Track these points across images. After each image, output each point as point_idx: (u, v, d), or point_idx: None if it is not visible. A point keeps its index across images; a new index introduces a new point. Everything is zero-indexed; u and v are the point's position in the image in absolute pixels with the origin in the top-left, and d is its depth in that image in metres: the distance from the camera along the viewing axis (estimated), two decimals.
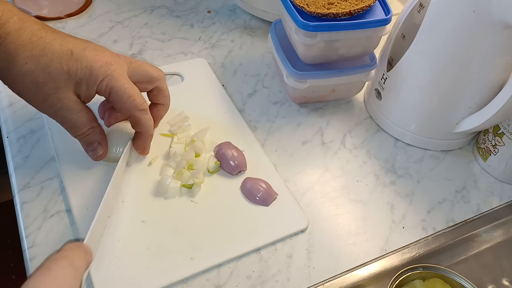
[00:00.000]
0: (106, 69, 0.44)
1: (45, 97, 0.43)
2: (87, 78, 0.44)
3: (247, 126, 0.58)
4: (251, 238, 0.47)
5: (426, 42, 0.52)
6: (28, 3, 0.73)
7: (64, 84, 0.43)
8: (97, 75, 0.44)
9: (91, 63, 0.44)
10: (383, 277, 0.46)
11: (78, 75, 0.43)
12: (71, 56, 0.43)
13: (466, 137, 0.59)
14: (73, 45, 0.44)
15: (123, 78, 0.46)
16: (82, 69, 0.43)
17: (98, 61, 0.44)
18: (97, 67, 0.44)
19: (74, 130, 0.46)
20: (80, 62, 0.43)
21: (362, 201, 0.52)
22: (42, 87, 0.43)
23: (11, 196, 0.49)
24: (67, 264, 0.35)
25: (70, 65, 0.43)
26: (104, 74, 0.44)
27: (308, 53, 0.55)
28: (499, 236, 0.52)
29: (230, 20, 0.76)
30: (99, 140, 0.48)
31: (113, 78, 0.45)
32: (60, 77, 0.43)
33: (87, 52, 0.44)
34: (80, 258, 0.38)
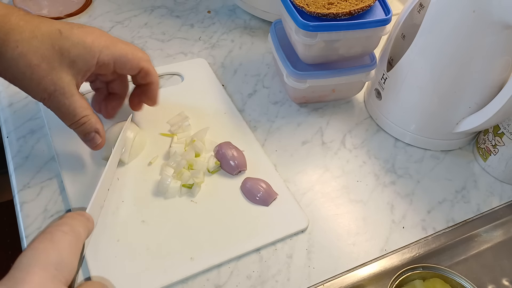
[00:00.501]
0: (98, 42, 0.45)
1: (39, 80, 0.43)
2: (82, 54, 0.44)
3: (247, 126, 0.58)
4: (251, 238, 0.47)
5: (426, 42, 0.52)
6: (28, 3, 0.73)
7: (58, 65, 0.43)
8: (91, 49, 0.44)
9: (82, 39, 0.44)
10: (383, 277, 0.46)
11: (72, 53, 0.44)
12: (60, 35, 0.43)
13: (466, 137, 0.59)
14: (60, 25, 0.44)
15: (117, 42, 0.47)
16: (74, 46, 0.44)
17: (89, 35, 0.45)
18: (90, 41, 0.44)
19: (68, 117, 0.46)
20: (71, 40, 0.44)
21: (362, 201, 0.52)
22: (36, 69, 0.43)
23: (11, 196, 0.49)
24: (69, 230, 0.35)
25: (61, 44, 0.43)
26: (99, 46, 0.45)
27: (308, 53, 0.55)
28: (499, 236, 0.52)
29: (230, 20, 0.76)
30: (95, 128, 0.47)
31: (110, 47, 0.46)
32: (53, 57, 0.43)
33: (75, 30, 0.44)
34: (82, 225, 0.38)
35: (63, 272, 0.32)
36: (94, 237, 0.45)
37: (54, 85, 0.44)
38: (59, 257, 0.33)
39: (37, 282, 0.30)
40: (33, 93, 0.45)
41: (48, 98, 0.44)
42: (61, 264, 0.33)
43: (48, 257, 0.32)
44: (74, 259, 0.34)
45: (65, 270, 0.33)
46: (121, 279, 0.42)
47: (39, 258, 0.32)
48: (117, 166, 0.51)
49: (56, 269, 0.32)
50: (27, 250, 0.33)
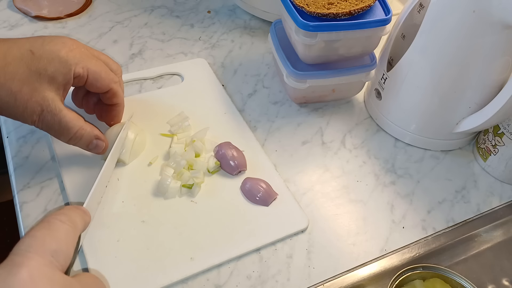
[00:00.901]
0: (73, 55, 0.45)
1: (25, 104, 0.43)
2: (59, 69, 0.44)
3: (247, 126, 0.58)
4: (251, 238, 0.47)
5: (426, 42, 0.52)
6: (28, 3, 0.73)
7: (38, 85, 0.43)
8: (67, 62, 0.44)
9: (56, 54, 0.44)
10: (383, 277, 0.46)
11: (48, 70, 0.43)
12: (33, 56, 0.43)
13: (466, 137, 0.59)
14: (29, 44, 0.44)
15: (91, 58, 0.47)
16: (50, 63, 0.43)
17: (62, 49, 0.44)
18: (64, 54, 0.44)
19: (64, 133, 0.46)
20: (45, 58, 0.43)
21: (362, 201, 0.52)
22: (18, 95, 0.43)
23: (11, 196, 0.49)
24: (66, 219, 0.36)
25: (37, 65, 0.43)
26: (74, 59, 0.45)
27: (308, 53, 0.55)
28: (499, 236, 0.52)
29: (230, 20, 0.76)
30: (94, 136, 0.48)
31: (84, 59, 0.45)
32: (31, 79, 0.43)
33: (46, 46, 0.44)
34: (79, 216, 0.39)
35: (59, 259, 0.33)
36: (94, 237, 0.45)
37: (40, 105, 0.44)
38: (56, 245, 0.34)
39: (33, 266, 0.31)
40: (22, 119, 0.45)
41: (38, 120, 0.44)
42: (57, 251, 0.33)
43: (45, 244, 0.33)
44: (70, 247, 0.35)
45: (61, 257, 0.34)
46: (121, 279, 0.42)
47: (36, 244, 0.33)
48: (118, 167, 0.51)
49: (53, 256, 0.33)
50: (25, 237, 0.33)
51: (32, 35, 0.68)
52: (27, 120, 0.45)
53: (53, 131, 0.46)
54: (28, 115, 0.44)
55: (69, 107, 0.47)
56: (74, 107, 0.52)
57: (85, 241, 0.44)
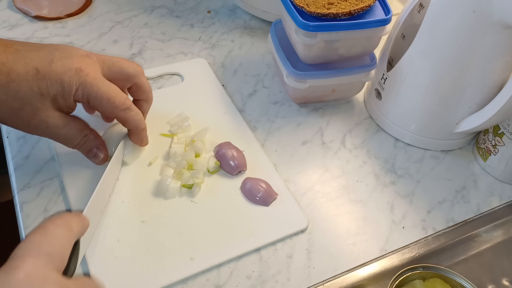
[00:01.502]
0: (77, 78, 0.43)
1: (27, 121, 0.43)
2: (60, 92, 0.42)
3: (247, 126, 0.58)
4: (251, 238, 0.47)
5: (426, 42, 0.52)
6: (28, 3, 0.73)
7: (40, 105, 0.42)
8: (70, 86, 0.42)
9: (60, 77, 0.42)
10: (383, 277, 0.46)
11: (51, 92, 0.42)
12: (37, 75, 0.42)
13: (466, 137, 0.59)
14: (37, 61, 0.42)
15: (98, 81, 0.44)
16: (52, 86, 0.42)
17: (67, 71, 0.42)
18: (68, 78, 0.42)
19: (68, 143, 0.47)
20: (49, 79, 0.42)
21: (362, 201, 0.52)
22: (19, 113, 0.42)
23: (11, 196, 0.49)
24: (61, 223, 0.36)
25: (40, 85, 0.42)
26: (77, 83, 0.43)
27: (308, 53, 0.55)
28: (499, 236, 0.52)
29: (230, 20, 0.76)
30: (96, 145, 0.48)
31: (87, 85, 0.43)
32: (34, 100, 0.42)
33: (53, 66, 0.42)
34: (75, 221, 0.38)
35: (54, 261, 0.34)
36: (94, 237, 0.45)
37: (45, 123, 0.43)
38: (51, 247, 0.34)
39: (29, 267, 0.32)
40: (26, 131, 0.45)
41: (43, 133, 0.44)
42: (52, 253, 0.34)
43: (40, 247, 0.34)
44: (66, 250, 0.36)
45: (56, 259, 0.34)
46: (121, 279, 0.42)
47: (32, 248, 0.34)
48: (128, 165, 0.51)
49: (48, 258, 0.33)
50: (22, 243, 0.34)
51: (32, 35, 0.68)
52: (31, 133, 0.45)
53: (59, 141, 0.46)
54: (32, 130, 0.44)
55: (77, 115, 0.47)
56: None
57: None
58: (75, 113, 0.47)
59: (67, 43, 0.68)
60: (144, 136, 0.51)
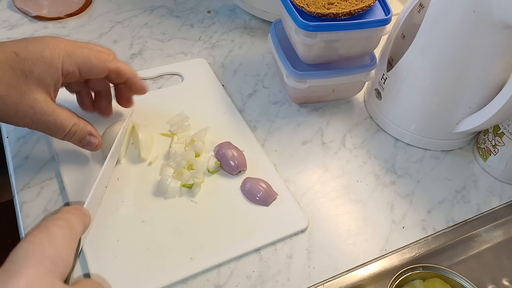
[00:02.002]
0: (58, 51, 0.44)
1: (15, 108, 0.43)
2: (45, 70, 0.43)
3: (247, 126, 0.58)
4: (251, 238, 0.47)
5: (426, 42, 0.52)
6: (28, 3, 0.73)
7: (26, 88, 0.42)
8: (53, 60, 0.43)
9: (41, 54, 0.43)
10: (383, 277, 0.46)
11: (35, 71, 0.43)
12: (17, 57, 0.42)
13: (466, 137, 0.59)
14: (13, 46, 0.43)
15: (77, 47, 0.45)
16: (35, 65, 0.43)
17: (45, 48, 0.43)
18: (48, 53, 0.43)
19: (59, 132, 0.46)
20: (30, 59, 0.43)
21: (362, 201, 0.52)
22: (7, 99, 0.42)
23: (11, 196, 0.49)
24: (64, 224, 0.35)
25: (22, 67, 0.42)
26: (59, 55, 0.44)
27: (308, 53, 0.55)
28: (499, 236, 0.52)
29: (230, 20, 0.76)
30: (87, 132, 0.48)
31: (69, 53, 0.44)
32: (19, 83, 0.42)
33: (30, 47, 0.43)
34: (78, 219, 0.37)
35: (58, 266, 0.32)
36: (94, 237, 0.45)
37: (32, 108, 0.43)
38: (55, 251, 0.32)
39: (31, 274, 0.30)
40: (15, 122, 0.44)
41: (31, 122, 0.44)
42: (56, 258, 0.32)
43: (43, 251, 0.32)
44: (70, 253, 0.34)
45: (60, 265, 0.32)
46: (121, 279, 0.42)
47: (34, 251, 0.31)
48: (122, 166, 0.51)
49: (52, 263, 0.31)
50: (22, 243, 0.32)
51: (32, 35, 0.68)
52: (19, 123, 0.44)
53: (48, 130, 0.46)
54: (20, 118, 0.44)
55: (62, 104, 0.46)
56: (67, 103, 0.52)
57: (86, 242, 0.44)
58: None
59: None
60: (142, 82, 0.51)
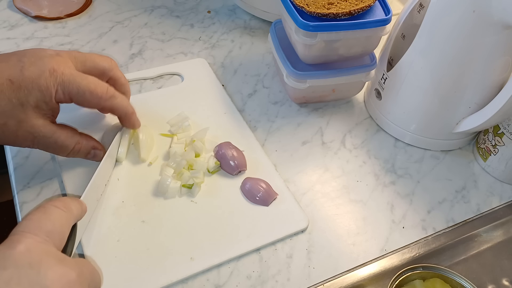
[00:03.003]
0: (54, 79, 0.42)
1: (14, 134, 0.42)
2: (40, 97, 0.42)
3: (247, 126, 0.58)
4: (251, 238, 0.47)
5: (426, 42, 0.52)
6: (28, 3, 0.73)
7: (23, 116, 0.42)
8: (48, 89, 0.42)
9: (36, 82, 0.41)
10: (383, 277, 0.46)
11: (30, 100, 0.41)
12: (12, 86, 0.41)
13: (466, 137, 0.59)
14: (8, 72, 0.41)
15: (75, 77, 0.43)
16: (30, 93, 0.41)
17: (41, 75, 0.41)
18: (44, 81, 0.41)
19: (61, 151, 0.46)
20: (25, 87, 0.41)
21: (362, 201, 0.52)
22: (4, 128, 0.42)
23: (11, 196, 0.49)
24: (61, 205, 0.38)
25: (18, 95, 0.41)
26: (54, 84, 0.42)
27: (308, 53, 0.55)
28: (499, 236, 0.52)
29: (230, 20, 0.76)
30: (91, 147, 0.48)
31: (65, 83, 0.42)
32: (15, 111, 0.41)
33: (25, 73, 0.41)
34: (75, 205, 0.40)
35: (54, 239, 0.35)
36: (94, 237, 0.45)
37: (31, 133, 0.43)
38: (51, 226, 0.36)
39: (29, 242, 0.33)
40: (16, 145, 0.44)
41: (32, 144, 0.44)
42: (52, 232, 0.35)
43: (40, 225, 0.35)
44: (65, 229, 0.37)
45: (56, 237, 0.35)
46: (121, 279, 0.42)
47: (32, 225, 0.35)
48: (124, 166, 0.51)
49: (47, 236, 0.35)
50: (22, 221, 0.36)
51: (32, 35, 0.68)
52: (21, 145, 0.45)
53: (50, 150, 0.46)
54: (21, 142, 0.44)
55: (62, 122, 0.46)
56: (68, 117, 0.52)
57: (85, 242, 0.44)
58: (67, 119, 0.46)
59: (67, 43, 0.68)
60: (136, 120, 0.51)
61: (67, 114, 0.50)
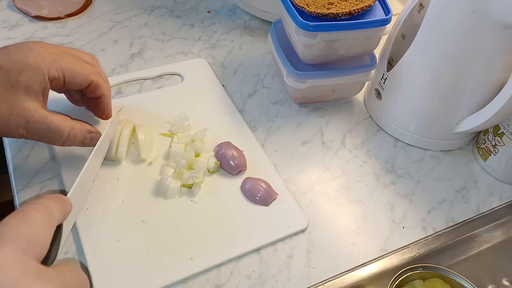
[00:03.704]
0: (42, 57, 0.43)
1: (7, 121, 0.42)
2: (32, 77, 0.42)
3: (247, 126, 0.58)
4: (251, 238, 0.47)
5: (426, 42, 0.52)
6: (28, 3, 0.73)
7: (15, 98, 0.42)
8: (38, 68, 0.43)
9: (24, 62, 0.42)
10: (383, 277, 0.46)
11: (21, 81, 0.42)
12: (1, 69, 0.42)
13: (466, 137, 0.59)
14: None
15: (63, 55, 0.45)
16: (20, 74, 0.42)
17: (28, 56, 0.43)
18: (33, 61, 0.43)
19: (57, 137, 0.45)
20: (15, 69, 0.42)
21: (362, 201, 0.52)
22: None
23: (11, 196, 0.49)
24: (41, 208, 0.35)
25: (7, 77, 0.42)
26: (44, 62, 0.43)
27: (308, 53, 0.55)
28: (499, 236, 0.52)
29: (230, 20, 0.76)
30: (87, 131, 0.48)
31: (56, 61, 0.44)
32: (6, 94, 0.42)
33: (12, 57, 0.43)
34: (56, 205, 0.37)
35: (34, 247, 0.32)
36: (95, 237, 0.45)
37: (24, 117, 0.43)
38: (30, 232, 0.32)
39: (6, 253, 0.30)
40: (9, 134, 0.44)
41: (25, 132, 0.44)
42: (32, 239, 0.32)
43: (18, 232, 0.32)
44: (47, 236, 0.34)
45: (36, 246, 0.32)
46: (121, 279, 0.42)
47: (9, 232, 0.32)
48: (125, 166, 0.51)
49: (27, 244, 0.32)
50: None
51: (32, 35, 0.68)
52: (14, 134, 0.44)
53: (45, 138, 0.45)
54: (14, 130, 0.43)
55: (53, 110, 0.46)
56: (57, 107, 0.53)
57: (85, 242, 0.44)
58: None
59: (67, 43, 0.68)
60: (110, 105, 0.52)
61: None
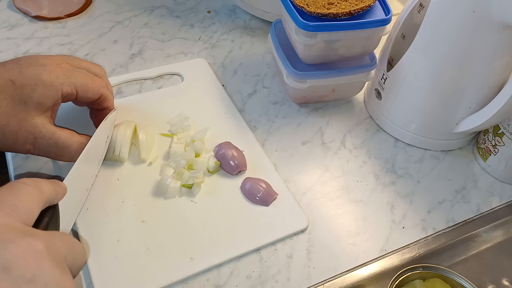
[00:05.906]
0: (56, 75, 0.43)
1: (14, 136, 0.42)
2: (45, 93, 0.43)
3: (247, 126, 0.58)
4: (251, 238, 0.47)
5: (426, 42, 0.52)
6: (28, 3, 0.73)
7: (25, 114, 0.42)
8: (52, 85, 0.43)
9: (38, 79, 0.42)
10: (383, 277, 0.46)
11: (34, 96, 0.42)
12: (14, 85, 0.42)
13: (466, 137, 0.59)
14: (7, 73, 0.42)
15: (73, 72, 0.45)
16: (34, 90, 0.42)
17: (42, 72, 0.43)
18: (47, 78, 0.43)
19: (65, 152, 0.45)
20: (28, 85, 0.42)
21: (362, 201, 0.52)
22: (6, 128, 0.42)
23: None
24: (30, 182, 0.36)
25: (20, 94, 0.42)
26: (58, 79, 0.43)
27: (308, 53, 0.55)
28: (499, 236, 0.52)
29: (230, 20, 0.76)
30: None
31: (69, 77, 0.44)
32: (17, 110, 0.42)
33: (25, 72, 0.42)
34: (47, 183, 0.38)
35: (19, 214, 0.33)
36: (95, 237, 0.45)
37: (32, 133, 0.43)
38: (16, 201, 0.33)
39: None
40: (16, 149, 0.44)
41: (32, 148, 0.44)
42: (17, 206, 0.33)
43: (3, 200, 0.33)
44: (34, 207, 0.35)
45: (22, 213, 0.33)
46: (121, 279, 0.42)
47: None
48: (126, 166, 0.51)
49: (12, 210, 0.33)
50: None
51: (32, 35, 0.68)
52: (20, 150, 0.44)
53: (52, 154, 0.45)
54: (21, 145, 0.43)
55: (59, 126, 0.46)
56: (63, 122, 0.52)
57: (85, 241, 0.44)
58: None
59: (67, 43, 0.68)
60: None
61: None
